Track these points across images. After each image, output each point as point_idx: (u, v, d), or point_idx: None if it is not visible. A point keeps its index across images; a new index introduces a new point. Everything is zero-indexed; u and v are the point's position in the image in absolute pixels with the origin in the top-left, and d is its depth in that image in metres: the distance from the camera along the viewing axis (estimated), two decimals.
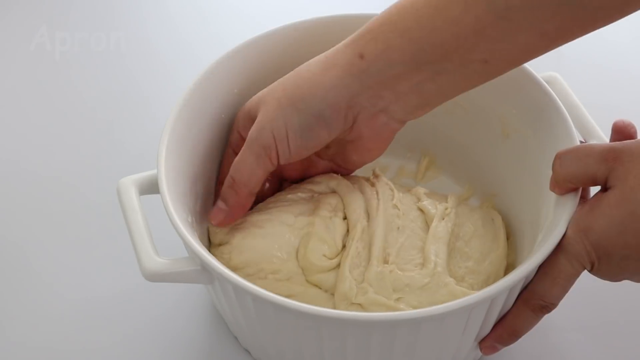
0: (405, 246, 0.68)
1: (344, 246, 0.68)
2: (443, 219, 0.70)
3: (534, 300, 0.62)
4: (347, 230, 0.69)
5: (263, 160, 0.64)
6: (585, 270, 0.61)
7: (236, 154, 0.67)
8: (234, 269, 0.65)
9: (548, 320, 0.64)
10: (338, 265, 0.67)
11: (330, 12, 0.75)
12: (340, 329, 0.59)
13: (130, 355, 0.72)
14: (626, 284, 0.63)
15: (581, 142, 0.67)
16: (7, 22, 1.00)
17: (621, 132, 0.65)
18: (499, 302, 0.61)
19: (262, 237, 0.67)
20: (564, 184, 0.62)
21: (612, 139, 0.66)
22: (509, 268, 0.71)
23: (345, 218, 0.70)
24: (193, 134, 0.69)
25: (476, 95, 0.72)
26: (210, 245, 0.70)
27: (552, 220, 0.62)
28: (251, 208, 0.69)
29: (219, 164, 0.71)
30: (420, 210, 0.71)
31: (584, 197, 0.63)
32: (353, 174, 0.74)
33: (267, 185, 0.72)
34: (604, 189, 0.60)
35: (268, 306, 0.59)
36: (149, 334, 0.72)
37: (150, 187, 0.66)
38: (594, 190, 0.62)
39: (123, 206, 0.65)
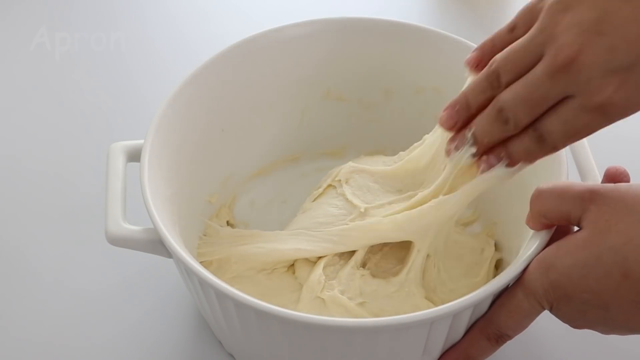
0: (387, 255, 0.68)
1: None
2: None
3: (489, 329, 0.60)
4: None
5: None
6: None
7: None
8: None
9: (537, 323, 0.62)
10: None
11: (330, 13, 0.75)
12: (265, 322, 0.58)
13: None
14: None
15: None
16: (7, 22, 1.00)
17: (612, 179, 0.63)
18: (441, 326, 0.59)
19: None
20: (538, 219, 0.60)
21: (603, 182, 0.63)
22: None
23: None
24: (194, 112, 0.69)
25: None
26: None
27: (519, 255, 0.61)
28: None
29: None
30: None
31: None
32: None
33: None
34: (578, 230, 0.58)
35: (210, 290, 0.58)
36: (133, 338, 0.72)
37: (139, 156, 0.66)
38: None
39: (107, 170, 0.65)
